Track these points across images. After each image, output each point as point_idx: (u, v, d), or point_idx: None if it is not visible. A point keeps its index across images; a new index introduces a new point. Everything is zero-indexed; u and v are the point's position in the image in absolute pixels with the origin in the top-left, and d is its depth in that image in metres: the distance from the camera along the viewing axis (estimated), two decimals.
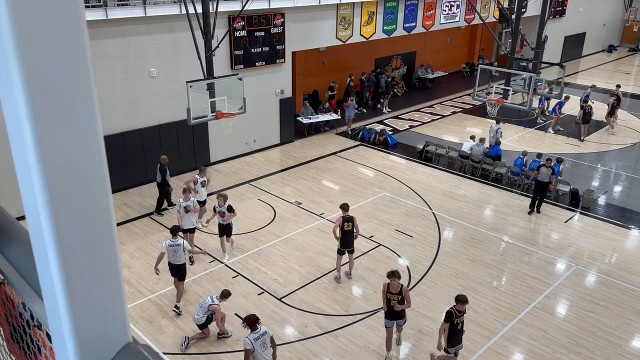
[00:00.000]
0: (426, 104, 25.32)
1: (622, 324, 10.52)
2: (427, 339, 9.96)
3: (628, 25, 38.00)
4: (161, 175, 14.13)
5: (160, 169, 14.10)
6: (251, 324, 8.10)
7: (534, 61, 17.03)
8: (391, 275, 9.07)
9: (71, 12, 0.83)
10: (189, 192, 12.12)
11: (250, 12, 16.97)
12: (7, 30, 0.78)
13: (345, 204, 11.59)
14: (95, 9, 13.66)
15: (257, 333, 8.08)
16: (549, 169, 14.53)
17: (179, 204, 11.96)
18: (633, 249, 13.34)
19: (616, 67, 34.56)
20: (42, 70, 0.82)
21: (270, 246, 12.98)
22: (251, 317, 8.20)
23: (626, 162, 18.79)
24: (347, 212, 11.34)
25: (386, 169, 17.80)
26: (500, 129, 18.82)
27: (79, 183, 0.90)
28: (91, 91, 0.88)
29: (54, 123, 0.85)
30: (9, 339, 1.46)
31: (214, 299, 9.60)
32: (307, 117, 20.59)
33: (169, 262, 10.42)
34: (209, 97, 14.20)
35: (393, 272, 9.10)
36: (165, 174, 14.13)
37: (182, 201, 11.90)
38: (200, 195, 13.39)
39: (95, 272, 0.97)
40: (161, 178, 14.16)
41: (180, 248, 10.29)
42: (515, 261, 12.59)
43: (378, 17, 21.70)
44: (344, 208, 11.41)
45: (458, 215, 14.73)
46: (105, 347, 1.02)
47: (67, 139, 0.87)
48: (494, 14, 26.44)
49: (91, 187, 0.92)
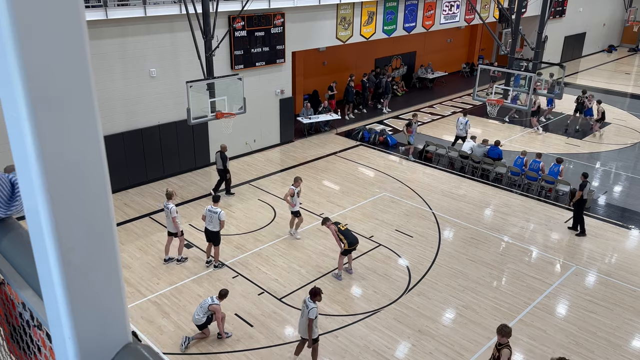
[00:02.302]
0: (426, 104, 25.32)
1: (622, 324, 10.52)
2: (427, 338, 9.96)
3: (628, 25, 38.02)
4: (222, 162, 15.00)
5: (221, 156, 15.01)
6: (317, 295, 8.81)
7: (534, 61, 17.03)
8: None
9: (71, 12, 0.83)
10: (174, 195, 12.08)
11: (250, 12, 16.97)
12: (7, 30, 0.78)
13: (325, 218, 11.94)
14: (95, 9, 13.66)
15: (307, 301, 8.80)
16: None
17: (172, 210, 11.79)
18: (633, 249, 13.34)
19: (616, 67, 34.55)
20: (42, 70, 0.82)
21: (270, 246, 12.98)
22: (317, 289, 8.85)
23: (626, 162, 18.79)
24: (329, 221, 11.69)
25: (386, 169, 17.80)
26: (468, 121, 18.99)
27: (79, 183, 0.90)
28: (91, 91, 0.88)
29: (53, 123, 0.85)
30: (9, 339, 1.46)
31: (214, 299, 9.61)
32: (307, 117, 20.59)
33: (205, 227, 11.67)
34: (209, 97, 14.22)
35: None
36: (225, 161, 15.01)
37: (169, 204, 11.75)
38: (295, 206, 13.12)
39: (95, 272, 0.97)
40: (222, 165, 15.03)
41: (216, 216, 11.42)
42: (515, 261, 12.59)
43: (378, 17, 21.70)
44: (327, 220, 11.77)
45: (458, 215, 14.73)
46: (105, 347, 1.02)
47: (67, 139, 0.87)
48: (494, 14, 26.46)
49: (91, 187, 0.92)
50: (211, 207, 11.60)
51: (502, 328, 8.28)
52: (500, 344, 8.23)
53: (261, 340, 9.86)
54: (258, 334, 10.01)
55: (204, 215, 11.65)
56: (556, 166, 15.94)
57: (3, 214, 1.46)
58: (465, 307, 10.88)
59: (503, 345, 8.19)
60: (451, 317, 10.60)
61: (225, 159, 15.09)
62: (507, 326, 8.34)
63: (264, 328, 10.16)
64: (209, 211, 11.56)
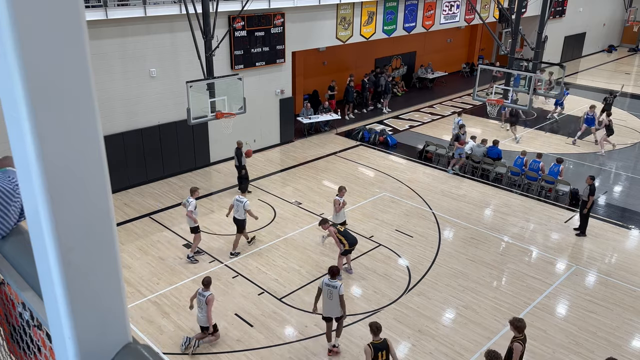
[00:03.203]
0: (426, 104, 25.32)
1: (622, 324, 10.51)
2: (426, 338, 9.96)
3: (628, 25, 38.02)
4: (237, 158, 15.30)
5: (236, 153, 15.30)
6: (330, 273, 9.29)
7: (534, 61, 17.03)
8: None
9: (71, 12, 0.83)
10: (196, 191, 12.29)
11: (250, 12, 16.97)
12: (7, 30, 0.78)
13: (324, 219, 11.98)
14: (95, 9, 13.66)
15: (331, 282, 9.21)
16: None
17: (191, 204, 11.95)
18: (633, 249, 13.33)
19: (616, 67, 34.55)
20: (42, 70, 0.82)
21: (270, 246, 12.98)
22: (333, 269, 9.34)
23: (626, 162, 18.79)
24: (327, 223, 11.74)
25: (386, 169, 17.80)
26: (460, 120, 18.97)
27: (79, 183, 0.90)
28: (91, 91, 0.88)
29: (53, 123, 0.85)
30: (9, 339, 1.47)
31: (203, 292, 9.46)
32: (307, 117, 20.60)
33: (233, 216, 12.49)
34: (209, 97, 14.21)
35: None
36: (241, 157, 15.27)
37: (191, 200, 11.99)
38: (340, 216, 12.89)
39: (95, 272, 0.97)
40: (237, 161, 15.34)
41: (241, 205, 12.27)
42: (515, 261, 12.59)
43: (378, 17, 21.70)
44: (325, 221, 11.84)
45: (458, 215, 14.73)
46: (105, 347, 1.02)
47: (67, 139, 0.87)
48: (494, 14, 26.45)
49: (91, 187, 0.92)
50: (238, 197, 12.47)
51: (513, 321, 8.21)
52: (515, 337, 8.14)
53: (261, 340, 9.85)
54: (258, 334, 10.01)
55: (232, 205, 12.53)
56: (556, 166, 15.94)
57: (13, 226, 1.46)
58: (465, 307, 10.88)
59: (516, 339, 8.12)
60: (451, 317, 10.60)
61: (241, 155, 15.24)
62: (519, 320, 8.23)
63: (264, 328, 10.16)
64: (236, 201, 12.39)
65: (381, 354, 7.91)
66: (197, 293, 9.54)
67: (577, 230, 13.85)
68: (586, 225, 13.75)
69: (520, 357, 8.12)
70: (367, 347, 7.96)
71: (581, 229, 13.75)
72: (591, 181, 13.59)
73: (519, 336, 8.13)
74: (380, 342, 7.97)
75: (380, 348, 7.91)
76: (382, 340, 8.01)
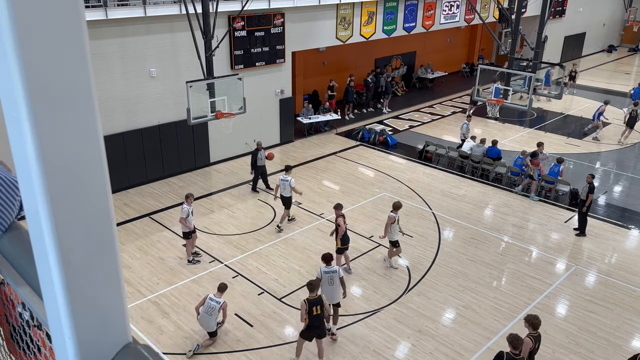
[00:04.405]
0: (426, 104, 25.32)
1: (622, 324, 10.52)
2: (427, 338, 9.96)
3: (628, 25, 38.02)
4: (252, 158, 15.52)
5: (253, 153, 15.54)
6: (325, 260, 9.72)
7: (534, 61, 17.04)
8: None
9: (71, 12, 0.83)
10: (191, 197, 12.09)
11: (250, 12, 16.97)
12: (7, 30, 0.78)
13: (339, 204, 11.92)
14: (95, 9, 13.66)
15: (329, 269, 9.62)
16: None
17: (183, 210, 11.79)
18: (633, 249, 13.33)
19: (616, 67, 34.55)
20: (42, 70, 0.82)
21: (270, 246, 12.98)
22: (326, 255, 9.78)
23: (626, 162, 18.79)
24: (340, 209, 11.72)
25: (386, 169, 17.80)
26: (466, 124, 19.00)
27: (79, 183, 0.90)
28: (91, 91, 0.88)
29: (54, 123, 0.85)
30: (9, 339, 1.46)
31: (217, 298, 9.48)
32: (307, 117, 20.60)
33: (280, 194, 13.44)
34: (209, 97, 14.21)
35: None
36: (254, 157, 15.44)
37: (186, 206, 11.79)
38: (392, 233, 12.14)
39: (95, 272, 0.97)
40: (252, 160, 15.54)
41: (287, 183, 13.29)
42: (515, 261, 12.59)
43: (378, 17, 21.70)
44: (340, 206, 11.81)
45: (458, 215, 14.73)
46: (105, 347, 1.02)
47: (67, 139, 0.87)
48: (494, 14, 26.45)
49: (91, 187, 0.92)
50: (283, 176, 13.39)
51: (528, 318, 8.25)
52: (530, 333, 8.16)
53: (261, 340, 9.85)
54: (258, 334, 10.01)
55: (277, 185, 13.48)
56: (556, 166, 15.93)
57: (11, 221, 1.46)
58: (465, 307, 10.88)
59: (527, 335, 8.14)
60: (451, 317, 10.60)
61: (256, 154, 15.35)
62: (535, 317, 8.23)
63: (264, 328, 10.16)
64: (281, 180, 13.34)
65: (315, 309, 8.79)
66: (208, 298, 9.48)
67: (577, 230, 13.86)
68: (585, 224, 13.75)
69: (530, 355, 8.12)
70: (303, 302, 8.85)
71: (581, 229, 13.76)
72: (591, 180, 13.61)
73: (533, 333, 8.17)
74: (315, 298, 8.85)
75: (314, 303, 8.80)
76: (318, 296, 8.89)
